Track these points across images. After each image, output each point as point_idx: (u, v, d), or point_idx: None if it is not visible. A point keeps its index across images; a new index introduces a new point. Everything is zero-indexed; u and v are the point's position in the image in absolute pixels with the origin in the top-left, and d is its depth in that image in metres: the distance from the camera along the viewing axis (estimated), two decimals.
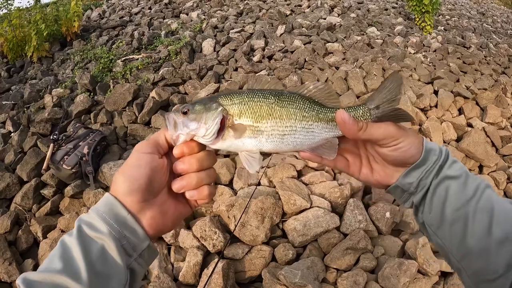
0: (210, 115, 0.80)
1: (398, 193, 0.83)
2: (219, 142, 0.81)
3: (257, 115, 0.81)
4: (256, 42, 6.19)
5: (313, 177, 3.50)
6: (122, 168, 0.76)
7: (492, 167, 4.39)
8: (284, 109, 0.82)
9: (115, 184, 0.75)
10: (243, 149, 0.83)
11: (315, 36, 6.44)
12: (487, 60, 7.12)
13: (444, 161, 0.78)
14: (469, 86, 5.49)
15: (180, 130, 0.79)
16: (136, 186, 0.73)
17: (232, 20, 7.50)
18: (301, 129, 0.82)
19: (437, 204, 0.77)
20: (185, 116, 0.80)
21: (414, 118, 3.23)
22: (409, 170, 0.78)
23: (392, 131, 0.77)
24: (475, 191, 0.75)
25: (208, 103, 0.82)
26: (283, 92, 0.84)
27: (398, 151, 0.77)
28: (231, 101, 0.82)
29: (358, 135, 0.78)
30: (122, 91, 4.76)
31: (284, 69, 5.05)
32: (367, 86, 4.71)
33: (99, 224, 0.70)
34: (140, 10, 8.81)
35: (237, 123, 0.81)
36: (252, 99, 0.82)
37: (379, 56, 5.77)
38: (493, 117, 5.00)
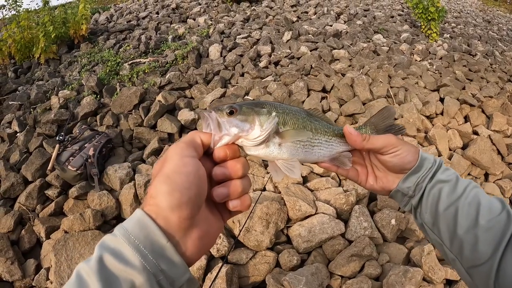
0: (265, 118, 0.79)
1: (399, 197, 0.94)
2: (262, 147, 0.80)
3: (297, 126, 0.85)
4: (262, 48, 6.21)
5: (318, 184, 3.49)
6: (164, 175, 0.63)
7: (497, 175, 4.36)
8: (313, 123, 0.90)
9: (157, 197, 0.61)
10: (279, 158, 0.83)
11: (321, 43, 6.45)
12: (493, 68, 7.09)
13: (438, 168, 0.89)
14: (475, 94, 5.47)
15: (226, 130, 0.75)
16: (187, 198, 0.61)
17: (239, 26, 7.53)
18: (325, 142, 0.91)
19: (432, 204, 0.87)
20: (231, 117, 0.77)
21: (405, 128, 3.27)
22: (407, 175, 0.90)
23: (391, 140, 0.90)
24: (464, 190, 0.85)
25: (256, 107, 0.81)
26: (307, 111, 0.93)
27: (397, 157, 0.89)
28: (276, 109, 0.83)
29: (363, 145, 0.91)
30: (129, 94, 4.77)
31: (291, 75, 5.05)
32: (373, 93, 4.71)
33: (130, 254, 0.57)
34: (148, 15, 8.86)
35: (283, 130, 0.83)
36: (291, 111, 0.86)
37: (385, 63, 5.77)
38: (499, 125, 4.97)
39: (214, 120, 0.75)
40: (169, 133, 4.34)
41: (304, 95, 4.63)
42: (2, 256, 3.00)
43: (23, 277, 2.97)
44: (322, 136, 0.91)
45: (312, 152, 0.89)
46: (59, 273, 2.86)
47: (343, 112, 4.43)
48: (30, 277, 2.98)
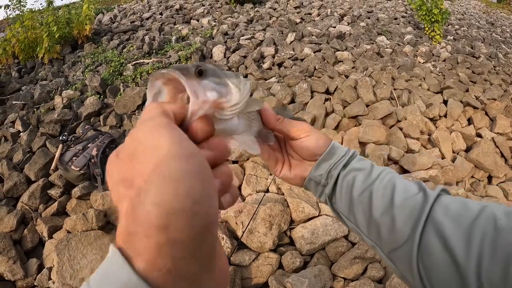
0: (237, 80, 0.62)
1: (312, 186, 0.91)
2: (235, 118, 0.64)
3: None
4: (266, 49, 6.21)
5: None
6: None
7: (501, 177, 4.35)
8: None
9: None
10: (237, 132, 0.68)
11: (325, 44, 6.45)
12: (496, 70, 7.07)
13: (351, 158, 0.87)
14: (479, 96, 5.46)
15: (203, 96, 0.55)
16: None
17: (242, 27, 7.54)
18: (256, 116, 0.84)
19: (346, 192, 0.84)
20: (203, 79, 0.56)
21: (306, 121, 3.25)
22: (319, 162, 0.88)
23: (303, 125, 0.89)
24: (378, 175, 0.83)
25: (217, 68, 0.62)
26: None
27: (308, 141, 0.87)
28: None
29: (275, 125, 0.87)
30: (132, 95, 4.78)
31: (294, 77, 5.04)
32: (376, 95, 4.70)
33: None
34: (151, 15, 8.87)
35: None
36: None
37: (388, 65, 5.76)
38: (502, 128, 4.96)
39: (190, 85, 0.54)
40: None
41: (308, 96, 4.63)
42: (5, 256, 3.01)
43: (25, 277, 2.97)
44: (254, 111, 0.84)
45: (249, 125, 0.78)
46: (61, 273, 2.85)
47: (346, 114, 4.43)
48: (32, 276, 2.99)
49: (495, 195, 4.09)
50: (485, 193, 4.13)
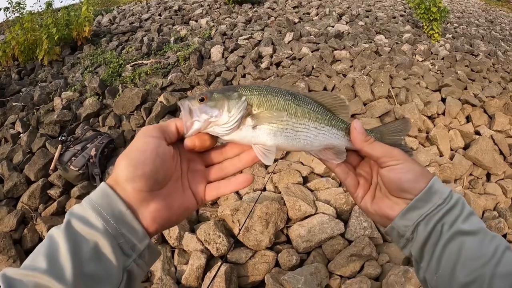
0: (234, 103, 0.77)
1: (395, 236, 0.77)
2: (236, 131, 0.77)
3: (274, 108, 0.80)
4: (264, 49, 6.23)
5: (318, 184, 3.50)
6: (126, 151, 0.68)
7: (500, 175, 4.35)
8: (299, 107, 0.82)
9: (117, 168, 0.66)
10: (257, 142, 0.78)
11: (323, 44, 6.46)
12: (495, 68, 7.06)
13: (455, 208, 0.69)
14: (477, 94, 5.46)
15: (197, 116, 0.75)
16: (141, 172, 0.65)
17: (240, 27, 7.56)
18: (313, 129, 0.83)
19: (447, 265, 0.67)
20: (202, 103, 0.76)
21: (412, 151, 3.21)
22: (408, 209, 0.72)
23: (394, 152, 0.77)
24: (494, 251, 0.65)
25: (227, 92, 0.79)
26: (297, 93, 0.85)
27: (394, 172, 0.74)
28: (250, 92, 0.80)
29: (362, 145, 0.79)
30: (131, 95, 4.80)
31: (292, 76, 5.07)
32: (374, 94, 4.71)
33: (93, 218, 0.62)
34: (150, 17, 8.90)
35: (257, 112, 0.79)
36: (270, 92, 0.81)
37: (386, 63, 5.77)
38: (501, 125, 4.95)
39: (186, 108, 0.76)
40: None
41: None
42: (5, 255, 3.03)
43: None
44: (310, 122, 0.82)
45: (295, 137, 0.81)
46: None
47: None
48: None
49: (493, 192, 4.09)
50: (484, 191, 4.13)
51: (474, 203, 3.75)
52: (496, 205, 3.99)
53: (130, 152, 0.67)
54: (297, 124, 0.81)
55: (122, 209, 0.64)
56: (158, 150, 0.68)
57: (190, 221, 3.27)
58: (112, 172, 0.68)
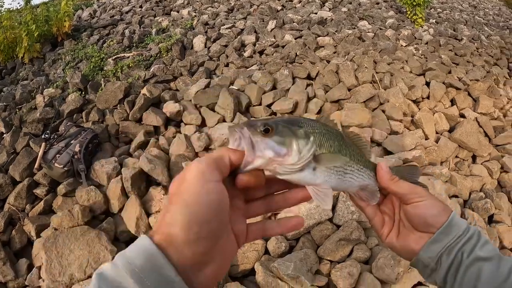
0: (304, 142, 0.70)
1: (420, 267, 0.82)
2: (297, 173, 0.70)
3: (332, 149, 0.76)
4: (247, 37, 6.19)
5: None
6: (183, 202, 0.55)
7: (485, 156, 4.39)
8: (348, 148, 0.81)
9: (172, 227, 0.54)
10: (313, 183, 0.74)
11: (306, 31, 6.43)
12: (479, 52, 7.12)
13: (472, 239, 0.76)
14: (461, 77, 5.49)
15: (260, 152, 0.66)
16: (206, 232, 0.55)
17: (223, 17, 7.49)
18: (357, 171, 0.82)
19: (468, 286, 0.74)
20: (266, 136, 0.67)
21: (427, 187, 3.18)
22: (431, 242, 0.78)
23: (418, 189, 0.81)
24: (509, 272, 0.71)
25: (292, 126, 0.71)
26: (341, 132, 0.83)
27: (419, 208, 0.80)
28: (313, 129, 0.74)
29: (388, 184, 0.83)
30: (113, 89, 4.74)
31: (275, 64, 5.04)
32: (358, 79, 4.70)
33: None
34: (131, 9, 8.77)
35: (319, 154, 0.73)
36: (327, 132, 0.76)
37: (370, 49, 5.77)
38: (485, 108, 5.00)
39: (247, 138, 0.66)
40: (154, 126, 4.33)
41: (289, 82, 4.62)
42: None
43: (16, 277, 2.96)
44: (355, 164, 0.82)
45: (344, 179, 0.80)
46: (50, 270, 2.85)
47: (328, 98, 4.43)
48: (23, 277, 2.98)
49: (479, 174, 4.13)
50: (470, 172, 4.17)
51: (461, 185, 3.78)
52: (482, 186, 4.05)
53: (190, 203, 0.55)
54: (347, 166, 0.80)
55: (171, 276, 0.52)
56: (223, 201, 0.58)
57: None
58: (160, 225, 0.56)
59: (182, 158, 3.57)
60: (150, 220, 3.19)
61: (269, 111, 4.32)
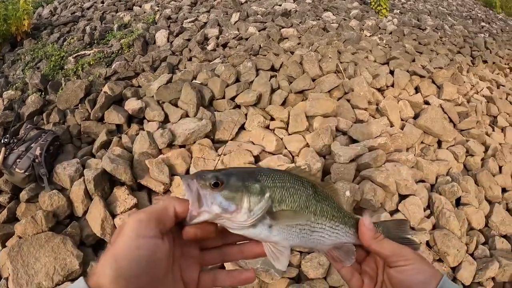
0: (256, 199, 0.66)
1: None
2: (249, 229, 0.67)
3: (296, 205, 0.72)
4: (210, 30, 6.10)
5: (270, 161, 3.45)
6: (112, 253, 0.56)
7: (450, 141, 4.48)
8: (319, 203, 0.76)
9: (101, 276, 0.55)
10: (269, 240, 0.70)
11: (270, 23, 6.39)
12: (443, 41, 7.27)
13: None
14: (425, 66, 5.57)
15: (207, 206, 0.63)
16: (134, 286, 0.55)
17: (186, 10, 7.35)
18: (329, 228, 0.77)
19: None
20: (215, 191, 0.64)
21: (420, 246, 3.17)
22: None
23: (404, 250, 0.73)
24: None
25: (248, 179, 0.68)
26: (315, 184, 0.78)
27: (404, 273, 0.71)
28: (272, 183, 0.70)
29: (371, 243, 0.75)
30: (74, 88, 4.60)
31: (238, 56, 4.98)
32: (322, 69, 4.69)
33: None
34: (92, 5, 8.50)
35: (277, 210, 0.69)
36: (293, 185, 0.73)
37: (334, 39, 5.78)
38: (449, 94, 5.08)
39: (194, 192, 0.64)
40: (117, 124, 4.23)
41: (253, 75, 4.57)
42: None
43: None
44: (327, 221, 0.76)
45: (310, 238, 0.74)
46: (17, 280, 2.77)
47: (292, 89, 4.40)
48: None
49: (445, 158, 4.21)
50: (436, 157, 4.24)
51: (427, 170, 3.84)
52: (448, 170, 4.12)
53: (119, 257, 0.55)
54: (315, 223, 0.75)
55: None
56: (155, 256, 0.58)
57: None
58: (95, 270, 0.56)
59: (146, 156, 3.49)
60: (115, 221, 3.11)
61: (232, 104, 4.28)
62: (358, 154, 3.59)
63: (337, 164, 3.47)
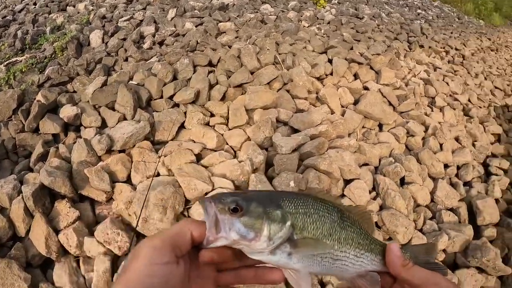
0: (277, 228, 0.63)
1: None
2: (268, 255, 0.65)
3: (319, 233, 0.68)
4: (146, 28, 5.94)
5: (212, 159, 3.39)
6: (126, 279, 0.56)
7: (391, 124, 4.59)
8: (344, 231, 0.72)
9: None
10: (289, 267, 0.67)
11: (207, 17, 6.31)
12: (380, 28, 7.46)
13: None
14: (363, 53, 5.67)
15: (224, 232, 0.61)
16: None
17: (121, 9, 7.12)
18: (353, 257, 0.73)
19: None
20: (234, 216, 0.62)
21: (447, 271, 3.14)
22: None
23: (436, 279, 0.69)
24: None
25: (270, 205, 0.65)
26: (342, 209, 0.74)
27: None
28: (295, 209, 0.66)
29: (400, 271, 0.71)
30: (6, 99, 4.29)
31: (175, 53, 4.85)
32: (260, 61, 4.65)
33: None
34: (24, 7, 8.05)
35: (298, 238, 0.66)
36: (317, 211, 0.69)
37: (272, 31, 5.77)
38: (387, 79, 5.20)
39: (211, 216, 0.61)
40: (53, 134, 3.99)
41: (190, 71, 4.46)
42: None
43: None
44: (351, 249, 0.72)
45: (333, 266, 0.71)
46: None
47: (231, 83, 4.34)
48: None
49: (387, 140, 4.32)
50: (378, 140, 4.32)
51: (370, 153, 3.90)
52: (391, 152, 4.23)
53: (131, 285, 0.55)
54: (338, 252, 0.71)
55: None
56: (168, 284, 0.57)
57: (88, 224, 3.01)
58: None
59: (85, 165, 3.30)
60: (60, 238, 2.89)
61: (171, 103, 4.15)
62: (300, 143, 3.59)
63: (280, 155, 3.45)
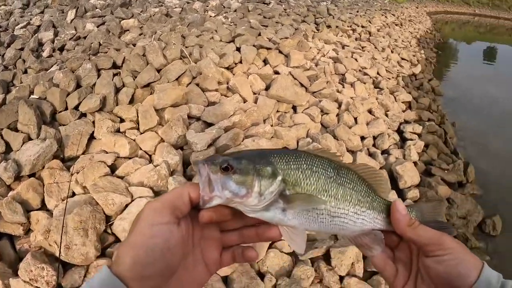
0: (267, 182, 0.65)
1: None
2: (262, 212, 0.66)
3: (313, 189, 0.68)
4: (44, 34, 5.59)
5: (126, 168, 3.24)
6: (130, 242, 0.59)
7: (304, 105, 4.72)
8: (341, 187, 0.71)
9: (121, 265, 0.57)
10: (284, 224, 0.68)
11: (109, 16, 6.08)
12: (287, 12, 7.63)
13: None
14: (271, 38, 5.75)
15: (218, 191, 0.63)
16: (150, 272, 0.58)
17: (17, 15, 6.67)
18: (352, 214, 0.72)
19: None
20: (226, 175, 0.63)
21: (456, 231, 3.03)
22: None
23: (444, 239, 0.66)
24: None
25: (260, 162, 0.66)
26: (341, 166, 0.73)
27: (442, 264, 0.65)
28: (286, 165, 0.67)
29: (405, 231, 0.70)
30: None
31: (76, 59, 4.55)
32: (166, 57, 4.55)
33: None
34: None
35: (291, 193, 0.66)
36: (311, 167, 0.69)
37: (178, 24, 5.69)
38: (297, 61, 5.33)
39: (204, 176, 0.63)
40: None
41: (94, 77, 4.23)
42: None
43: None
44: (350, 206, 0.72)
45: (331, 224, 0.70)
46: None
47: (138, 84, 4.20)
48: None
49: (302, 121, 4.42)
50: (293, 122, 4.41)
51: (287, 136, 3.97)
52: (308, 132, 4.33)
53: (135, 246, 0.58)
54: (336, 208, 0.70)
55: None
56: (169, 243, 0.60)
57: (11, 263, 2.75)
58: (115, 260, 0.59)
59: None
60: None
61: (77, 113, 3.91)
62: (215, 137, 3.57)
63: (195, 152, 3.41)
